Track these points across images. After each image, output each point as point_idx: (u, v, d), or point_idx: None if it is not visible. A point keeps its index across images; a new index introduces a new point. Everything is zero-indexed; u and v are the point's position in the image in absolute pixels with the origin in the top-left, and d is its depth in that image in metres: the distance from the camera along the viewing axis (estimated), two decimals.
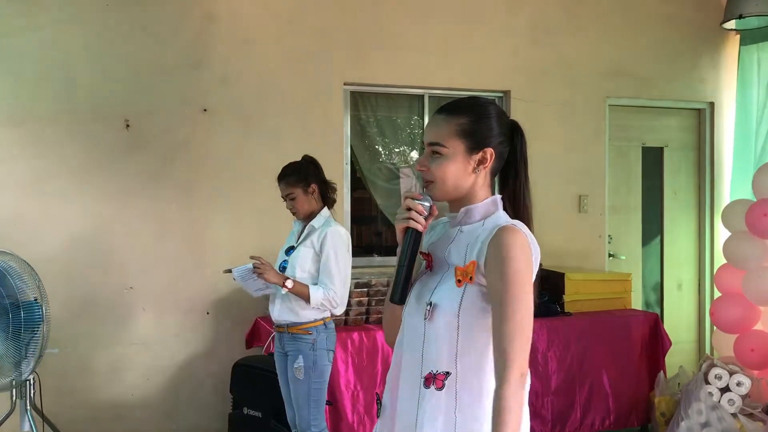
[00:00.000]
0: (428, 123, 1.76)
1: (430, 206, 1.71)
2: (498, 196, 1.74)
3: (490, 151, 1.69)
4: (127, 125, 4.53)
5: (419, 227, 1.69)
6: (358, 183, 5.23)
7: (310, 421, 3.28)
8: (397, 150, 5.52)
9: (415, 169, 1.77)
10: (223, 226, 4.71)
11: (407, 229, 1.70)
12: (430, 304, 1.66)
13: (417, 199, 1.70)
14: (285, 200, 3.47)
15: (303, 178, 3.43)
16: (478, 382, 1.63)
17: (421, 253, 1.79)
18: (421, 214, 1.69)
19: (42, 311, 3.55)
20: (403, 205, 1.72)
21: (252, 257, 3.38)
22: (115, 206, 4.51)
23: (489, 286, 1.60)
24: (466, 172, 1.70)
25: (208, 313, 4.69)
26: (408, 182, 5.36)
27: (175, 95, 4.62)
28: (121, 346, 4.52)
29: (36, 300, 3.69)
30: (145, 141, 4.57)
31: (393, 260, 5.21)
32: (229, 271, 3.48)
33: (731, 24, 5.32)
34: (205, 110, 4.68)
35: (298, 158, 3.56)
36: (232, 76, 4.73)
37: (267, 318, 4.54)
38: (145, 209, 4.56)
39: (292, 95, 4.84)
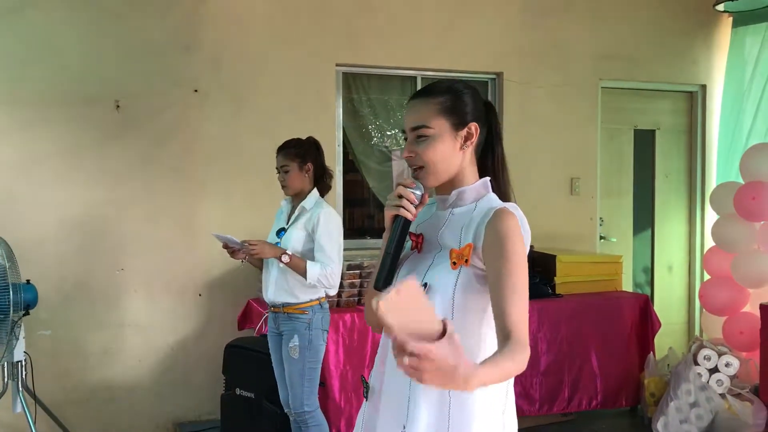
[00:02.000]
0: (406, 110, 1.74)
1: (422, 195, 1.70)
2: (487, 179, 1.74)
3: (474, 126, 1.69)
4: (118, 106, 4.50)
5: (409, 216, 1.67)
6: (350, 165, 5.22)
7: (303, 401, 3.30)
8: (389, 132, 5.50)
9: (403, 157, 1.73)
10: (214, 208, 4.70)
11: (396, 216, 1.69)
12: (425, 285, 1.66)
13: (409, 187, 1.68)
14: (278, 172, 3.46)
15: (301, 154, 3.44)
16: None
17: (409, 233, 1.79)
18: (412, 203, 1.67)
19: (20, 293, 3.57)
20: (394, 192, 1.70)
21: (244, 241, 3.37)
22: (105, 188, 4.49)
23: (488, 267, 1.59)
24: (455, 150, 1.69)
25: (200, 295, 4.70)
26: (400, 165, 5.35)
27: (166, 77, 4.59)
28: (112, 328, 4.53)
29: (29, 281, 3.70)
30: (136, 123, 4.54)
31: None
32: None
33: (723, 6, 5.30)
34: (196, 91, 4.65)
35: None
36: (224, 57, 4.70)
37: (259, 300, 4.56)
38: (136, 191, 4.55)
39: (284, 76, 4.82)
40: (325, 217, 3.34)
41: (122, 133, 4.52)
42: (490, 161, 1.75)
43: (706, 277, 5.55)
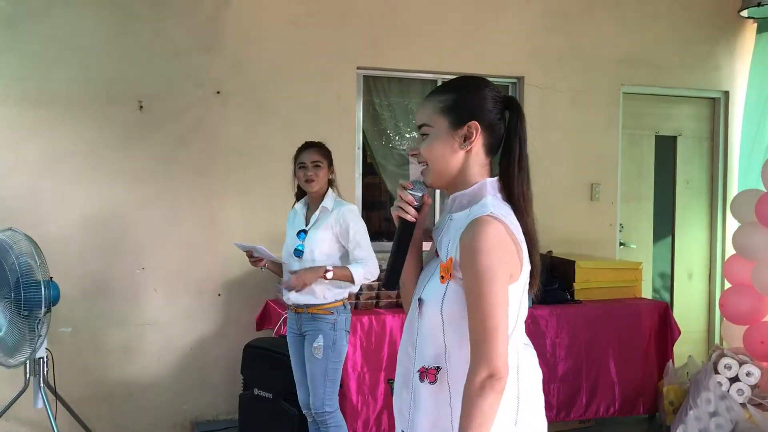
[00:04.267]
0: (418, 107, 1.75)
1: (422, 196, 1.70)
2: (489, 180, 1.67)
3: (474, 125, 1.64)
4: (141, 107, 4.54)
5: (408, 218, 1.68)
6: (369, 168, 5.23)
7: (325, 401, 3.31)
8: (408, 135, 5.51)
9: (408, 156, 1.77)
10: (234, 209, 4.73)
11: (400, 217, 1.71)
12: (420, 300, 1.67)
13: (407, 188, 1.69)
14: (305, 167, 3.42)
15: (330, 155, 3.51)
16: None
17: (431, 238, 1.80)
18: (410, 204, 1.68)
19: (48, 291, 3.61)
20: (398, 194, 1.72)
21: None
22: (127, 187, 4.54)
23: (463, 282, 1.57)
24: (453, 149, 1.66)
25: (219, 295, 4.73)
26: (417, 168, 5.35)
27: (188, 78, 4.63)
28: (132, 327, 4.57)
29: (51, 279, 3.74)
30: (158, 123, 4.59)
31: None
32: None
33: (749, 12, 5.26)
34: (218, 93, 4.68)
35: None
36: (246, 59, 4.73)
37: (278, 300, 4.58)
38: (158, 191, 4.59)
39: (305, 79, 4.84)
40: (351, 214, 3.39)
41: (145, 134, 4.56)
42: (505, 162, 1.69)
43: (726, 285, 5.50)
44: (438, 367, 1.63)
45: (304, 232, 3.47)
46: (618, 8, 5.50)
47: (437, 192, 5.25)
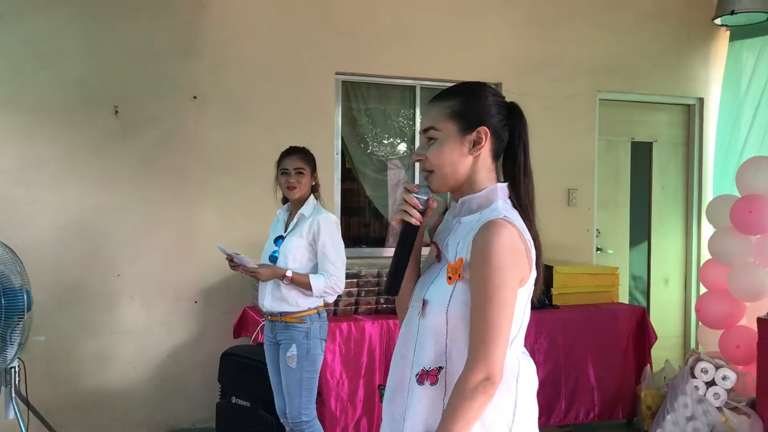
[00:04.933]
0: (423, 113, 1.76)
1: (427, 199, 1.67)
2: (500, 185, 1.68)
3: (484, 130, 1.64)
4: (117, 112, 4.49)
5: (413, 221, 1.67)
6: (347, 174, 5.22)
7: (301, 410, 3.28)
8: (387, 141, 5.51)
9: (410, 160, 1.74)
10: (212, 215, 4.69)
11: (403, 220, 1.68)
12: (424, 301, 1.66)
13: (413, 192, 1.67)
14: (287, 174, 3.40)
15: (314, 162, 3.48)
16: None
17: (432, 241, 1.79)
18: (416, 208, 1.66)
19: (26, 298, 3.53)
20: (400, 197, 1.71)
21: (243, 269, 3.35)
22: (103, 193, 4.48)
23: (470, 283, 1.57)
24: (462, 154, 1.65)
25: (196, 302, 4.68)
26: (396, 174, 5.35)
27: (165, 82, 4.58)
28: (107, 335, 4.50)
29: (21, 287, 3.66)
30: (135, 128, 4.53)
31: (382, 251, 5.24)
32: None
33: (722, 20, 5.33)
34: (195, 98, 4.64)
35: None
36: (223, 64, 4.70)
37: (255, 308, 4.54)
38: (134, 197, 4.53)
39: (284, 84, 4.82)
40: (325, 223, 3.34)
41: (121, 139, 4.50)
42: (510, 167, 1.70)
43: (702, 290, 5.55)
44: (440, 367, 1.62)
45: (282, 238, 3.45)
46: (595, 16, 5.55)
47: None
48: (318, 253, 3.34)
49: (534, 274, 1.65)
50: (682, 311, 5.99)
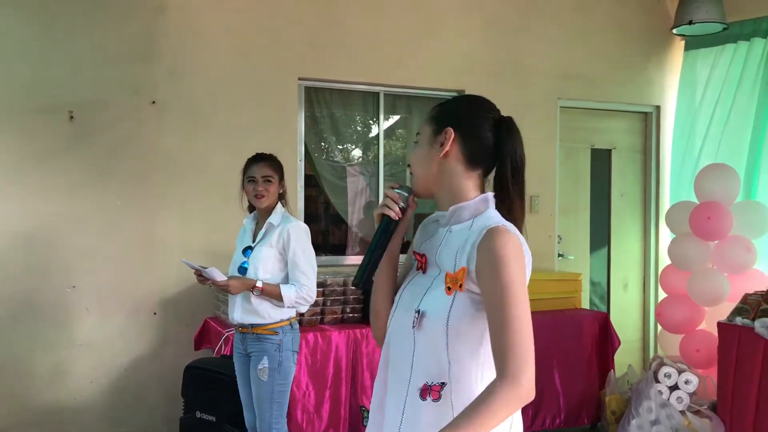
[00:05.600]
0: None
1: (408, 196, 1.69)
2: (489, 194, 1.67)
3: (449, 131, 1.65)
4: (71, 117, 4.33)
5: (392, 214, 1.66)
6: (308, 180, 5.14)
7: (272, 424, 3.19)
8: (351, 147, 5.46)
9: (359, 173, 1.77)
10: (172, 224, 4.56)
11: (383, 216, 1.69)
12: (419, 312, 1.61)
13: (394, 187, 1.70)
14: (255, 182, 3.31)
15: (281, 170, 3.40)
16: (475, 390, 1.55)
17: (414, 252, 1.76)
18: (396, 203, 1.67)
19: None
20: (384, 193, 1.77)
21: (212, 283, 3.25)
22: (57, 202, 4.31)
23: (483, 293, 1.53)
24: (431, 155, 1.67)
25: (155, 314, 4.53)
26: (357, 182, 5.30)
27: (122, 87, 4.44)
28: (63, 349, 4.32)
29: None
30: (91, 134, 4.38)
31: (344, 259, 5.17)
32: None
33: (681, 29, 5.43)
34: (153, 103, 4.51)
35: (251, 155, 3.46)
36: (183, 68, 4.58)
37: (217, 319, 4.43)
38: (90, 205, 4.37)
39: (246, 89, 4.72)
40: (295, 232, 3.26)
41: (75, 145, 4.34)
42: (498, 177, 1.68)
43: (661, 294, 5.64)
44: (443, 383, 1.57)
45: (251, 248, 3.36)
46: (556, 24, 5.60)
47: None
48: (288, 263, 3.27)
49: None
50: (641, 315, 6.08)
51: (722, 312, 4.58)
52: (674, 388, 4.41)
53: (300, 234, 3.29)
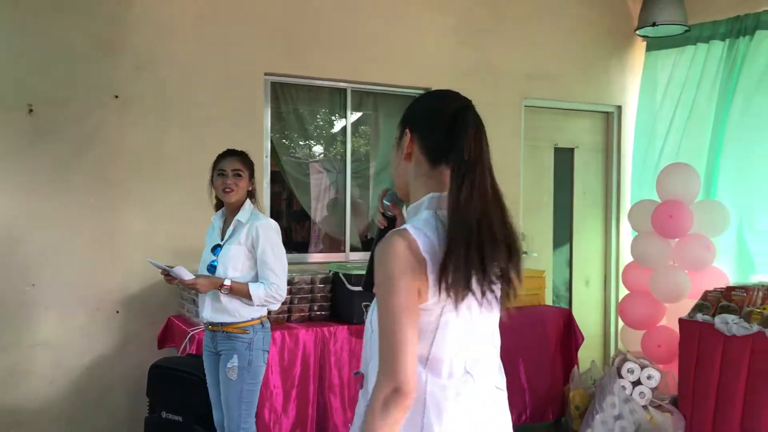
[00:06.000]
0: None
1: (390, 204, 1.76)
2: (429, 195, 1.60)
3: (407, 130, 1.64)
4: (31, 111, 4.20)
5: (379, 225, 1.80)
6: (276, 177, 5.09)
7: (240, 424, 3.15)
8: (317, 144, 5.42)
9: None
10: (135, 220, 4.46)
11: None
12: (366, 306, 1.75)
13: (381, 196, 1.79)
14: (224, 176, 3.26)
15: (252, 166, 3.36)
16: None
17: None
18: (381, 212, 1.79)
19: None
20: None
21: (180, 282, 3.19)
22: (16, 198, 4.18)
23: None
24: (398, 158, 1.68)
25: (117, 312, 4.44)
26: (320, 179, 5.26)
27: (85, 81, 4.33)
28: (21, 348, 4.20)
29: None
30: (52, 129, 4.26)
31: (309, 257, 5.13)
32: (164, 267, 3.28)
33: (644, 31, 5.52)
34: (117, 97, 4.41)
35: (216, 150, 3.43)
36: (148, 62, 4.48)
37: (181, 317, 4.37)
38: (51, 201, 4.26)
39: (211, 84, 4.65)
40: (264, 230, 3.23)
41: (36, 140, 4.22)
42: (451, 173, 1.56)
43: (622, 291, 5.74)
44: (363, 374, 1.67)
45: (219, 246, 3.31)
46: (523, 24, 5.65)
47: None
48: (258, 261, 3.23)
49: (440, 293, 1.49)
50: (602, 311, 6.18)
51: (683, 308, 4.68)
52: (637, 383, 4.49)
53: (269, 232, 3.25)
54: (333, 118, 5.34)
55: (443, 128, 1.60)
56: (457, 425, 1.55)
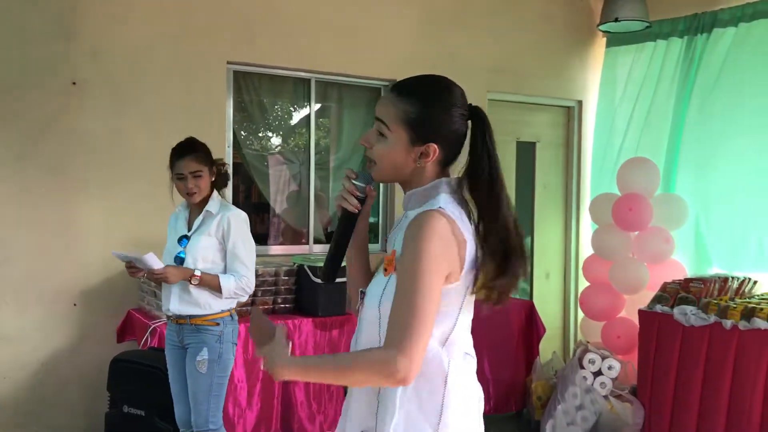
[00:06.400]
0: (381, 98, 1.69)
1: (365, 186, 1.66)
2: (445, 179, 1.64)
3: (433, 147, 1.60)
4: None
5: (350, 208, 1.65)
6: (239, 168, 5.02)
7: (209, 418, 3.10)
8: (281, 135, 5.36)
9: (359, 142, 1.71)
10: (94, 211, 4.35)
11: (342, 208, 1.67)
12: (362, 293, 1.66)
13: (351, 178, 1.65)
14: (184, 179, 3.16)
15: (211, 158, 3.25)
16: None
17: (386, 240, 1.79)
18: (353, 195, 1.64)
19: None
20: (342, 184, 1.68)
21: (149, 271, 3.11)
22: None
23: (397, 269, 1.53)
24: (407, 162, 1.62)
25: (75, 305, 4.32)
26: (279, 171, 5.20)
27: (41, 67, 4.19)
28: None
29: None
30: (5, 117, 4.11)
31: (268, 249, 5.08)
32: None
33: (607, 26, 5.59)
34: (74, 84, 4.28)
35: (178, 140, 3.31)
36: (107, 48, 4.36)
37: (141, 310, 4.28)
38: (5, 191, 4.12)
39: (172, 72, 4.55)
40: (235, 221, 3.18)
41: None
42: (472, 168, 1.64)
43: (581, 283, 5.82)
44: None
45: (186, 237, 3.24)
46: (487, 18, 5.66)
47: (396, 188, 5.13)
48: (228, 253, 3.17)
49: (471, 273, 1.58)
50: (562, 304, 6.26)
51: (642, 300, 4.76)
52: (598, 373, 4.55)
53: (240, 223, 3.20)
54: (296, 108, 5.29)
55: (464, 129, 1.66)
56: (469, 405, 1.64)
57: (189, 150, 3.19)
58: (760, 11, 4.99)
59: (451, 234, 1.52)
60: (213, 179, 3.27)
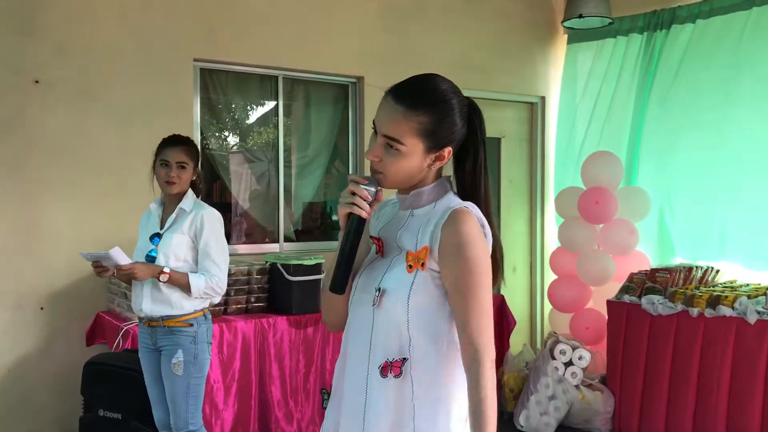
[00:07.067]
0: (383, 109, 1.62)
1: (376, 191, 1.63)
2: (444, 177, 1.69)
3: (448, 150, 1.64)
4: None
5: (363, 214, 1.61)
6: (206, 165, 4.95)
7: (188, 420, 3.06)
8: (248, 132, 5.31)
9: (366, 157, 1.67)
10: (60, 211, 4.25)
11: (350, 214, 1.62)
12: (379, 290, 1.62)
13: (362, 184, 1.61)
14: (168, 166, 3.12)
15: (198, 157, 3.24)
16: (435, 368, 1.60)
17: (371, 237, 1.74)
18: (365, 200, 1.61)
19: None
20: (347, 189, 1.63)
21: (116, 267, 3.04)
22: None
23: (445, 272, 1.58)
24: (421, 168, 1.63)
25: (42, 308, 4.22)
26: (254, 168, 5.16)
27: (3, 65, 4.07)
28: None
29: None
30: None
31: (235, 248, 5.02)
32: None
33: (571, 23, 5.67)
34: (37, 82, 4.18)
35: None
36: (71, 45, 4.27)
37: (111, 312, 4.20)
38: None
39: (137, 69, 4.46)
40: (209, 219, 3.14)
41: None
42: (470, 163, 1.69)
43: (547, 276, 5.91)
44: (404, 359, 1.59)
45: (158, 236, 3.18)
46: (449, 13, 5.69)
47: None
48: (199, 251, 3.13)
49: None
50: (529, 296, 6.34)
51: (608, 291, 4.87)
52: (569, 364, 4.64)
53: (213, 222, 3.17)
54: (264, 105, 5.25)
55: (467, 126, 1.70)
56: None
57: (181, 141, 3.20)
58: (717, 8, 5.14)
59: (482, 230, 1.61)
60: (194, 179, 3.23)
